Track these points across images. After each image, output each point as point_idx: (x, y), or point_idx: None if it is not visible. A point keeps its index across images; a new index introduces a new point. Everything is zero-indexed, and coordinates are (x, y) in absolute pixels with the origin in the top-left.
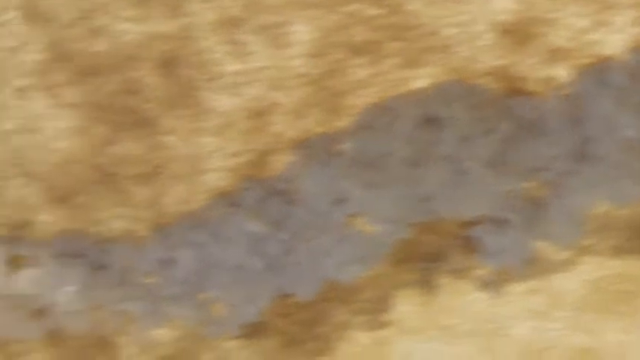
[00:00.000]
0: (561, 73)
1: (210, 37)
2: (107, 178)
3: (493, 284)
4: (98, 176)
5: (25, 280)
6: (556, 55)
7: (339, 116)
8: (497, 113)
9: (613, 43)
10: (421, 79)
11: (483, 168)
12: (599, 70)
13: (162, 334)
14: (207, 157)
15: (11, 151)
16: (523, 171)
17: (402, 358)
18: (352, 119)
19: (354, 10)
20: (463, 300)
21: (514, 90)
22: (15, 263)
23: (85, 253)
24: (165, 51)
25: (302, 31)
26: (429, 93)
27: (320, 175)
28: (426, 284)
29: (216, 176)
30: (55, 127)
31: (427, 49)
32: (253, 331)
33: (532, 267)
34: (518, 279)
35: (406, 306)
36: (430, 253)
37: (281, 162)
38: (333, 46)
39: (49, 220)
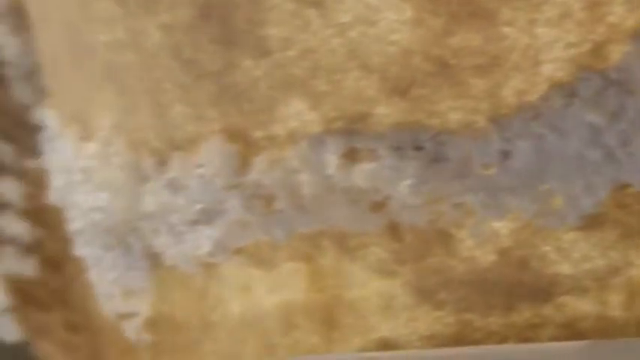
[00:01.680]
0: None
1: None
2: (444, 69)
3: None
4: (435, 68)
5: (361, 174)
6: None
7: None
8: None
9: None
10: None
11: None
12: None
13: (501, 226)
14: (545, 48)
15: (348, 44)
16: None
17: None
18: None
19: None
20: None
21: None
22: (351, 157)
23: (422, 145)
24: None
25: None
26: None
27: None
28: None
29: (554, 67)
30: (390, 19)
31: None
32: (591, 222)
33: None
34: None
35: None
36: None
37: (617, 52)
38: None
39: (385, 112)
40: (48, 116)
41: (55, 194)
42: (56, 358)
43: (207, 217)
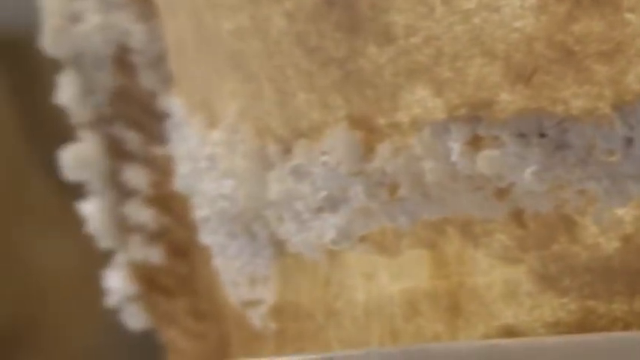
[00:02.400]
0: None
1: None
2: (568, 56)
3: None
4: (558, 54)
5: (485, 161)
6: None
7: None
8: None
9: None
10: None
11: None
12: None
13: (624, 213)
14: None
15: (471, 31)
16: None
17: None
18: None
19: None
20: None
21: None
22: (475, 144)
23: (546, 132)
24: None
25: None
26: None
27: None
28: None
29: None
30: (514, 6)
31: None
32: None
33: None
34: None
35: None
36: None
37: None
38: None
39: (509, 99)
40: (174, 103)
41: (181, 182)
42: (182, 345)
43: (332, 204)
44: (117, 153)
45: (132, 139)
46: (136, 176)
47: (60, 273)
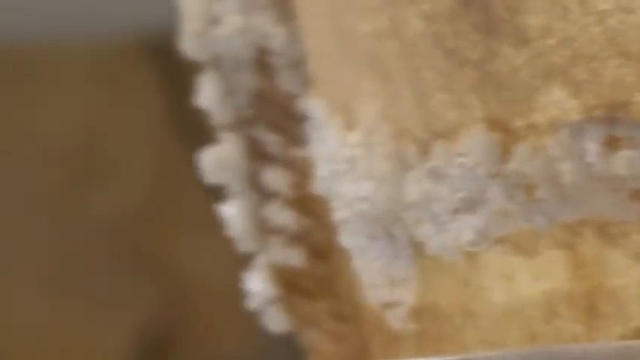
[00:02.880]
0: None
1: None
2: None
3: None
4: None
5: (621, 162)
6: None
7: None
8: None
9: None
10: None
11: None
12: None
13: None
14: None
15: (607, 32)
16: None
17: None
18: None
19: None
20: None
21: None
22: (611, 145)
23: None
24: None
25: None
26: None
27: None
28: None
29: None
30: None
31: None
32: None
33: None
34: None
35: None
36: None
37: None
38: None
39: None
40: (313, 105)
41: (320, 184)
42: (323, 347)
43: (469, 205)
44: (257, 155)
45: (272, 141)
46: (276, 178)
47: (206, 274)
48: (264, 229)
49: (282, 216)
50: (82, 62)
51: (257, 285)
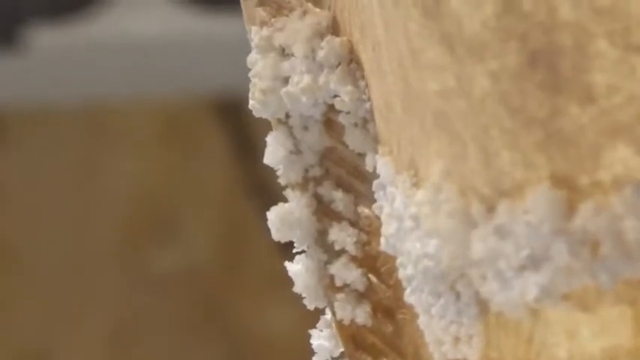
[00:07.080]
0: None
1: None
2: None
3: None
4: None
5: None
6: None
7: None
8: None
9: None
10: None
11: None
12: None
13: None
14: None
15: None
16: None
17: None
18: None
19: None
20: None
21: None
22: None
23: None
24: None
25: None
26: None
27: None
28: None
29: None
30: None
31: None
32: None
33: None
34: None
35: None
36: None
37: None
38: None
39: None
40: (380, 163)
41: (386, 241)
42: None
43: (534, 262)
44: (324, 213)
45: (339, 198)
46: (342, 236)
47: (272, 333)
48: (331, 287)
49: (348, 273)
50: (151, 121)
51: (324, 342)
